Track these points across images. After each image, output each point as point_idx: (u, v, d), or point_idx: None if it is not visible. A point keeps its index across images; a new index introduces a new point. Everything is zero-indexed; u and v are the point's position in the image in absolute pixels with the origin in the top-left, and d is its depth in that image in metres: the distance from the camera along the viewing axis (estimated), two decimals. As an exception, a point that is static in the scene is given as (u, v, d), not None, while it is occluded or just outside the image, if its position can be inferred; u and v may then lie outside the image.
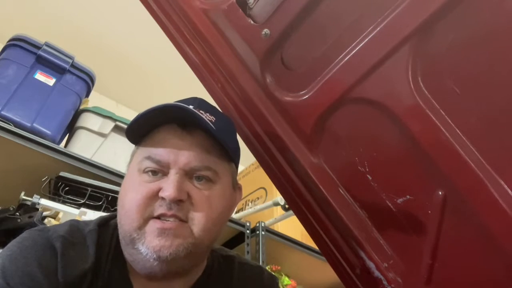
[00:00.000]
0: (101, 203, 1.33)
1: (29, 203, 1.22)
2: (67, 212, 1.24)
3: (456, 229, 0.67)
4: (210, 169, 0.69)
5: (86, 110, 1.67)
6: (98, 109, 1.67)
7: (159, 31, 1.03)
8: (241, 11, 0.88)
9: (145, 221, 0.64)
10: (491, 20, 0.60)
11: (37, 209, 1.21)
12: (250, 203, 2.13)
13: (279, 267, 1.72)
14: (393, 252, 0.77)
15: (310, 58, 0.81)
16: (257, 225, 1.70)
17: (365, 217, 0.80)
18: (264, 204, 1.81)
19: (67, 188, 1.32)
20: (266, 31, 0.83)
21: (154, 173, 0.67)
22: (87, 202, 1.31)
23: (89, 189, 1.33)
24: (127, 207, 0.66)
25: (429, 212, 0.69)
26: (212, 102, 0.79)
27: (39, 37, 1.66)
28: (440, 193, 0.67)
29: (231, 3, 0.89)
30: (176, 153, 0.67)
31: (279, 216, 1.79)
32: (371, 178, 0.77)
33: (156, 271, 0.65)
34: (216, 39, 0.94)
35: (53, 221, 1.21)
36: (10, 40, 1.63)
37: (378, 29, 0.70)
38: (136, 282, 0.69)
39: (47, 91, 1.57)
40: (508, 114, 0.60)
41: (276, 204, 1.71)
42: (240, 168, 1.12)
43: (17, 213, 1.22)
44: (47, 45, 1.63)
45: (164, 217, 0.64)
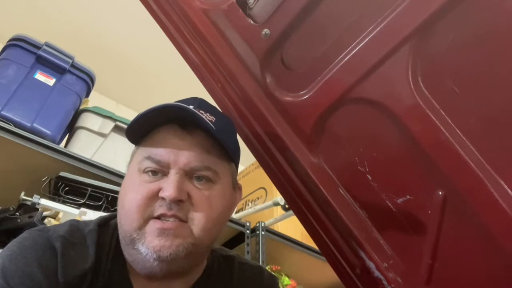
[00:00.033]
0: (101, 203, 1.33)
1: (29, 203, 1.22)
2: (67, 212, 1.24)
3: (456, 229, 0.67)
4: (210, 169, 0.69)
5: (86, 110, 1.67)
6: (98, 109, 1.67)
7: (159, 31, 1.03)
8: (241, 11, 0.88)
9: (145, 221, 0.64)
10: (491, 20, 0.60)
11: (37, 209, 1.21)
12: (250, 203, 2.13)
13: (279, 267, 1.72)
14: (393, 252, 0.77)
15: (310, 58, 0.81)
16: (257, 225, 1.70)
17: (365, 217, 0.80)
18: (264, 204, 1.81)
19: (67, 188, 1.32)
20: (266, 31, 0.83)
21: (154, 173, 0.67)
22: (87, 202, 1.31)
23: (89, 189, 1.33)
24: (127, 207, 0.66)
25: (429, 212, 0.69)
26: (212, 102, 0.79)
27: (39, 37, 1.66)
28: (440, 193, 0.67)
29: (231, 3, 0.89)
30: (176, 153, 0.67)
31: (279, 216, 1.79)
32: (371, 178, 0.77)
33: (156, 271, 0.65)
34: (216, 39, 0.94)
35: (53, 221, 1.21)
36: (10, 40, 1.63)
37: (378, 29, 0.70)
38: (136, 282, 0.69)
39: (47, 91, 1.57)
40: (508, 114, 0.60)
41: (276, 204, 1.71)
42: (240, 168, 1.12)
43: (17, 213, 1.22)
44: (47, 45, 1.63)
45: (164, 217, 0.64)
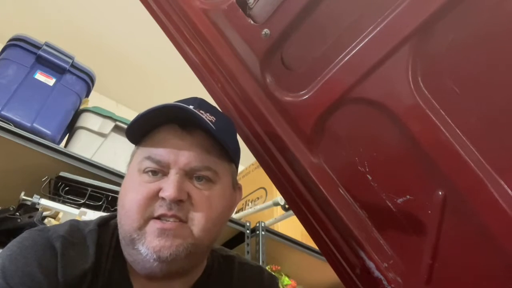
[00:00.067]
0: (101, 203, 1.33)
1: (29, 203, 1.22)
2: (67, 212, 1.24)
3: (456, 229, 0.67)
4: (210, 169, 0.69)
5: (86, 110, 1.67)
6: (98, 109, 1.67)
7: (159, 31, 1.03)
8: (241, 11, 0.88)
9: (146, 221, 0.64)
10: (491, 20, 0.60)
11: (37, 209, 1.21)
12: (250, 203, 2.13)
13: (279, 267, 1.72)
14: (393, 252, 0.77)
15: (310, 58, 0.81)
16: (257, 225, 1.70)
17: (365, 217, 0.80)
18: (264, 204, 1.81)
19: (67, 188, 1.32)
20: (266, 31, 0.83)
21: (154, 173, 0.67)
22: (87, 202, 1.31)
23: (89, 189, 1.33)
24: (127, 207, 0.66)
25: (429, 212, 0.69)
26: (212, 102, 0.79)
27: (39, 37, 1.66)
28: (440, 193, 0.67)
29: (231, 3, 0.89)
30: (176, 153, 0.67)
31: (279, 216, 1.79)
32: (371, 178, 0.77)
33: (156, 271, 0.65)
34: (216, 39, 0.94)
35: (53, 221, 1.21)
36: (10, 40, 1.63)
37: (378, 29, 0.70)
38: (136, 282, 0.69)
39: (47, 91, 1.57)
40: (508, 114, 0.60)
41: (276, 204, 1.71)
42: (240, 168, 1.12)
43: (17, 213, 1.22)
44: (47, 45, 1.63)
45: (164, 217, 0.64)
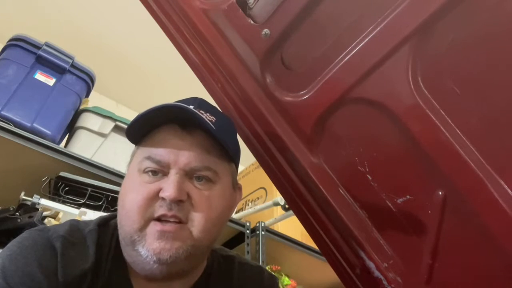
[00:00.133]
0: (101, 203, 1.33)
1: (29, 203, 1.22)
2: (67, 212, 1.24)
3: (456, 229, 0.67)
4: (210, 169, 0.69)
5: (86, 110, 1.67)
6: (98, 109, 1.67)
7: (159, 31, 1.03)
8: (241, 11, 0.88)
9: (146, 222, 0.64)
10: (491, 20, 0.60)
11: (37, 209, 1.21)
12: (250, 203, 2.13)
13: (279, 267, 1.72)
14: (393, 252, 0.77)
15: (310, 58, 0.81)
16: (257, 225, 1.70)
17: (365, 217, 0.80)
18: (264, 204, 1.81)
19: (67, 188, 1.32)
20: (266, 31, 0.83)
21: (154, 173, 0.67)
22: (87, 202, 1.31)
23: (89, 189, 1.33)
24: (127, 208, 0.66)
25: (429, 212, 0.69)
26: (212, 102, 0.79)
27: (39, 37, 1.66)
28: (440, 193, 0.67)
29: (231, 3, 0.89)
30: (176, 153, 0.67)
31: (279, 216, 1.79)
32: (371, 178, 0.77)
33: (156, 273, 0.65)
34: (216, 39, 0.94)
35: (53, 221, 1.21)
36: (10, 40, 1.63)
37: (378, 29, 0.70)
38: (136, 282, 0.69)
39: (47, 91, 1.57)
40: (508, 114, 0.60)
41: (276, 204, 1.71)
42: (240, 168, 1.12)
43: (17, 213, 1.22)
44: (47, 45, 1.63)
45: (164, 217, 0.64)
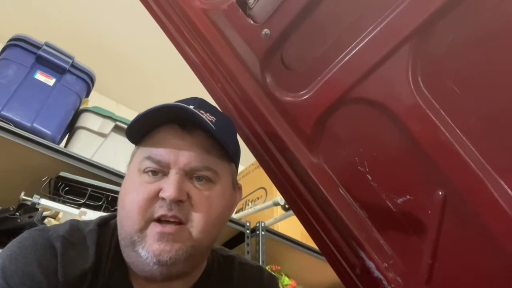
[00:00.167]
0: (101, 203, 1.33)
1: (29, 203, 1.21)
2: (67, 212, 1.24)
3: (456, 229, 0.67)
4: (210, 169, 0.69)
5: (86, 110, 1.67)
6: (98, 109, 1.67)
7: (159, 31, 1.03)
8: (241, 11, 0.88)
9: (146, 223, 0.64)
10: (491, 20, 0.60)
11: (37, 209, 1.21)
12: (250, 203, 2.13)
13: (279, 267, 1.72)
14: (393, 252, 0.77)
15: (310, 58, 0.81)
16: (257, 225, 1.70)
17: (365, 217, 0.80)
18: (264, 204, 1.81)
19: (67, 188, 1.32)
20: (266, 31, 0.83)
21: (154, 173, 0.67)
22: (87, 202, 1.31)
23: (89, 189, 1.33)
24: (128, 208, 0.66)
25: (429, 212, 0.69)
26: (212, 102, 0.79)
27: (39, 37, 1.66)
28: (440, 193, 0.67)
29: (231, 3, 0.89)
30: (176, 153, 0.67)
31: (279, 216, 1.79)
32: (371, 178, 0.77)
33: (156, 274, 0.65)
34: (216, 39, 0.94)
35: (53, 221, 1.21)
36: (10, 40, 1.63)
37: (378, 29, 0.70)
38: (136, 282, 0.69)
39: (47, 91, 1.57)
40: (508, 114, 0.60)
41: (276, 204, 1.71)
42: (240, 168, 1.12)
43: (17, 213, 1.22)
44: (47, 45, 1.63)
45: (164, 218, 0.64)
